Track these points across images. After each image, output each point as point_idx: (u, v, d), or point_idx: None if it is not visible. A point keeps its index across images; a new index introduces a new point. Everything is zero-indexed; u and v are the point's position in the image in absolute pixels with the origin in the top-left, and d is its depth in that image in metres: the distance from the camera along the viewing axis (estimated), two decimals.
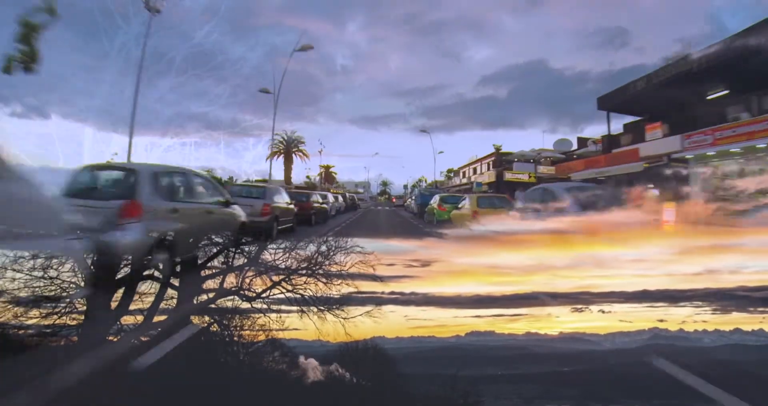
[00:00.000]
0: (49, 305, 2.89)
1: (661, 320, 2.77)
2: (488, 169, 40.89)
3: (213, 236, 5.41)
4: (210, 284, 4.06)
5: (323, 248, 4.79)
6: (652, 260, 4.17)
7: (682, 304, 3.07)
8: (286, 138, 47.44)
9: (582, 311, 3.12)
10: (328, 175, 71.35)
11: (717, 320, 2.76)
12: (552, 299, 3.34)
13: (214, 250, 5.28)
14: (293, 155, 48.05)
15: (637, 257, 4.31)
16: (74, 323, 2.79)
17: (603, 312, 3.06)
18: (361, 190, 78.87)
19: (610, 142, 18.05)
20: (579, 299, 3.30)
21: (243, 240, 5.93)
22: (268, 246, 5.82)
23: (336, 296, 3.34)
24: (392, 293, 3.60)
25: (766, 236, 4.57)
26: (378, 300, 3.28)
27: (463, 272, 4.56)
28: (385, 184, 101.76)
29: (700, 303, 3.06)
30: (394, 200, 70.49)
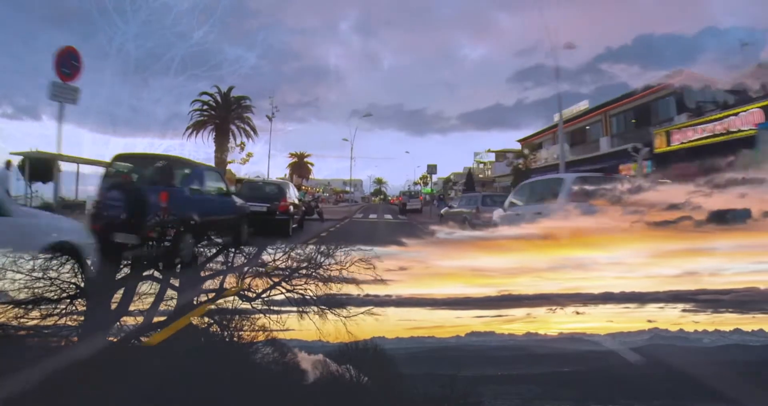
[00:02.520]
0: (49, 305, 2.89)
1: (661, 321, 2.77)
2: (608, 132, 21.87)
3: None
4: (210, 284, 4.08)
5: (323, 248, 4.81)
6: (628, 262, 4.25)
7: (681, 304, 3.07)
8: (219, 99, 29.66)
9: (581, 311, 3.13)
10: (301, 168, 55.60)
11: (717, 320, 2.76)
12: (552, 300, 3.34)
13: (214, 250, 5.30)
14: (233, 128, 30.10)
15: (616, 259, 4.41)
16: (74, 323, 2.79)
17: (602, 313, 3.07)
18: (350, 189, 63.30)
19: None
20: (577, 300, 3.31)
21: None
22: (268, 247, 5.84)
23: (336, 296, 3.34)
24: (392, 293, 3.61)
25: (735, 240, 4.64)
26: (378, 300, 3.29)
27: (461, 273, 4.57)
28: (380, 182, 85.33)
29: (699, 303, 3.06)
30: (395, 201, 51.11)
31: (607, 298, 3.27)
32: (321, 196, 43.54)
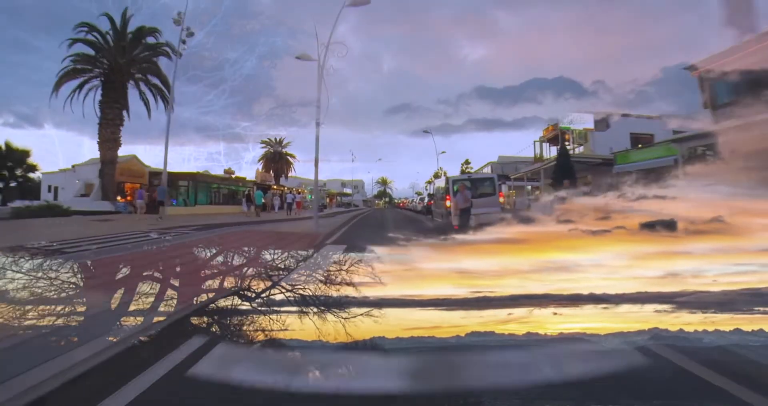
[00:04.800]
0: (49, 305, 2.89)
1: (661, 321, 2.78)
2: None
3: None
4: (210, 284, 4.09)
5: (322, 250, 4.81)
6: (611, 265, 4.30)
7: (680, 305, 3.08)
8: (108, 39, 17.60)
9: (581, 312, 3.14)
10: (277, 161, 41.21)
11: (717, 320, 2.76)
12: (550, 301, 3.35)
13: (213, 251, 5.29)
14: (130, 87, 18.50)
15: (598, 262, 4.47)
16: (74, 323, 2.79)
17: (602, 313, 3.07)
18: (349, 191, 54.89)
19: None
20: (576, 301, 3.32)
21: None
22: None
23: (336, 297, 3.36)
24: (390, 294, 3.62)
25: (706, 244, 4.72)
26: (378, 301, 3.30)
27: (459, 275, 4.59)
28: (384, 182, 73.44)
29: (697, 304, 3.07)
30: (404, 204, 44.87)
31: (606, 298, 3.29)
32: (296, 199, 30.45)
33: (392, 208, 49.50)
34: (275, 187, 36.27)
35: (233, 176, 33.02)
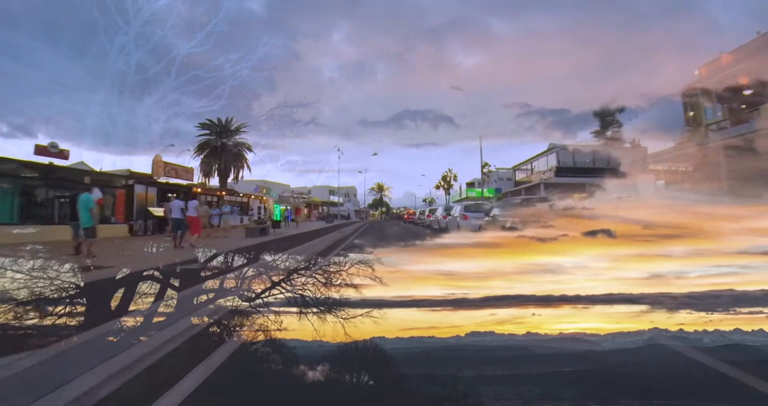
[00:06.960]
0: (49, 305, 2.90)
1: (661, 321, 2.77)
2: None
3: None
4: (210, 284, 4.09)
5: (322, 251, 4.82)
6: (592, 267, 4.31)
7: (679, 305, 3.08)
8: None
9: (581, 312, 3.14)
10: (220, 152, 28.36)
11: (716, 320, 2.76)
12: (549, 301, 3.35)
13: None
14: None
15: (580, 264, 4.48)
16: (74, 323, 2.79)
17: (602, 313, 3.07)
18: (337, 200, 44.36)
19: None
20: (576, 301, 3.32)
21: None
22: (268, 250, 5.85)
23: (335, 297, 3.36)
24: (390, 295, 3.62)
25: (685, 247, 4.72)
26: (377, 301, 3.30)
27: (461, 275, 4.60)
28: (380, 189, 63.13)
29: (693, 304, 3.07)
30: (411, 215, 37.84)
31: (605, 299, 3.29)
32: (187, 210, 10.08)
33: (390, 219, 41.18)
34: (198, 190, 22.35)
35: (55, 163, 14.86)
